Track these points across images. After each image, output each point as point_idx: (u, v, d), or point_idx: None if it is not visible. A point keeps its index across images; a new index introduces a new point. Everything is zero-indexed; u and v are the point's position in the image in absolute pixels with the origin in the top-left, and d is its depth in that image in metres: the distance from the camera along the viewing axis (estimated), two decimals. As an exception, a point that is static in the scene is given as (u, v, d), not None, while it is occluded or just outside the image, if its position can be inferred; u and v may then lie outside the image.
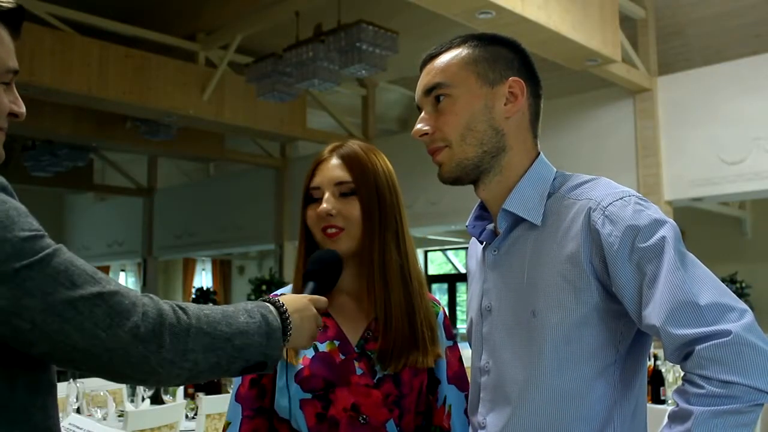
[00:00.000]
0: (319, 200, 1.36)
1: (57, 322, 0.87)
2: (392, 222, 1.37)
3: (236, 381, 1.36)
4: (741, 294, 9.00)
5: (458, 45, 1.25)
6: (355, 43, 5.83)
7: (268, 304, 1.10)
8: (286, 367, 1.32)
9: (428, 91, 1.24)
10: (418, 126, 1.24)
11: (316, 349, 1.33)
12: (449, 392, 1.39)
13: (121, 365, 0.91)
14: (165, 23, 7.77)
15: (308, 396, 1.29)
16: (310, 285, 1.26)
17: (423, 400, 1.37)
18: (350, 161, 1.36)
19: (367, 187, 1.35)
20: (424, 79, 1.25)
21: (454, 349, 1.44)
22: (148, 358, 0.92)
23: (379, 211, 1.35)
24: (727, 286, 1.10)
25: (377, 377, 1.31)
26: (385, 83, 9.60)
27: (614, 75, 6.94)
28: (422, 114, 1.25)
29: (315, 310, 1.19)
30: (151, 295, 0.97)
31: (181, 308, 0.97)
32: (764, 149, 6.84)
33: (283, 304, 1.11)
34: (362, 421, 1.29)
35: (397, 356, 1.32)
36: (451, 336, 1.45)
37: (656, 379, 4.07)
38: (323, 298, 1.22)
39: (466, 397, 1.40)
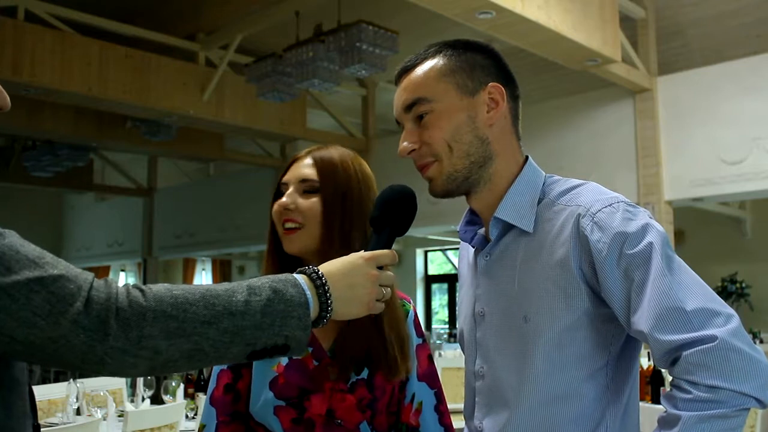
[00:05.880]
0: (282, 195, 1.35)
1: None
2: (360, 223, 1.33)
3: (211, 383, 1.35)
4: (741, 294, 9.00)
5: (433, 55, 1.23)
6: (355, 43, 5.83)
7: (295, 276, 0.97)
8: (261, 373, 1.31)
9: (408, 107, 1.22)
10: (404, 144, 1.21)
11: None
12: (419, 389, 1.39)
13: (68, 356, 0.83)
14: (165, 23, 7.77)
15: (282, 403, 1.28)
16: (374, 237, 1.13)
17: (395, 401, 1.37)
18: (321, 162, 1.35)
19: (333, 185, 1.33)
20: (402, 95, 1.23)
21: (423, 348, 1.43)
22: (94, 347, 0.83)
23: (343, 210, 1.32)
24: (727, 286, 1.11)
25: (350, 382, 1.30)
26: (385, 83, 9.59)
27: (614, 75, 6.94)
28: (405, 131, 1.23)
29: (374, 270, 1.03)
30: (110, 278, 0.89)
31: (140, 290, 0.87)
32: (764, 149, 6.84)
33: (318, 272, 0.99)
34: (337, 424, 1.29)
35: (355, 363, 1.30)
36: (421, 334, 1.44)
37: (656, 379, 4.07)
38: (387, 252, 1.07)
39: (436, 394, 1.40)
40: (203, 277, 15.77)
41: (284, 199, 1.33)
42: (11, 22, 6.47)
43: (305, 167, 1.35)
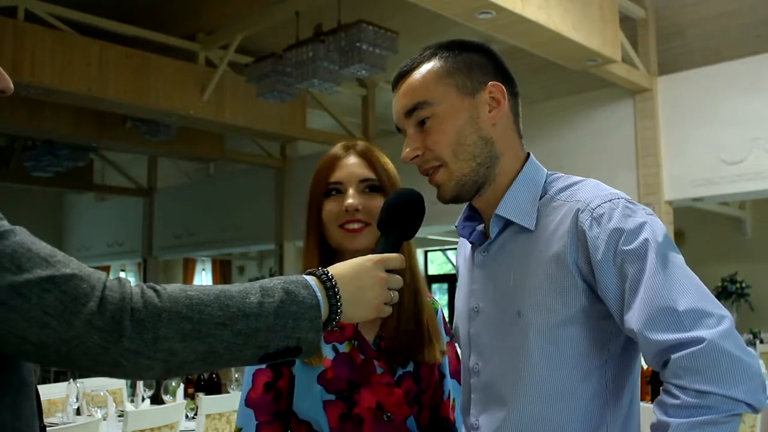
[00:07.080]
0: (339, 195, 1.36)
1: (1, 311, 0.77)
2: None
3: (245, 384, 1.34)
4: (741, 294, 9.00)
5: (429, 58, 1.22)
6: (355, 43, 5.83)
7: (306, 277, 0.96)
8: (306, 369, 1.32)
9: (409, 112, 1.21)
10: (407, 150, 1.21)
11: (336, 350, 1.33)
12: (452, 386, 1.42)
13: (81, 357, 0.81)
14: (165, 23, 7.76)
15: (332, 397, 1.29)
16: (381, 240, 1.14)
17: (437, 395, 1.39)
18: (371, 159, 1.38)
19: (391, 182, 1.38)
20: (402, 101, 1.22)
21: (451, 345, 1.46)
22: (108, 349, 0.80)
23: None
24: (727, 286, 1.10)
25: (397, 375, 1.33)
26: (385, 83, 9.59)
27: (614, 75, 6.93)
28: (407, 137, 1.22)
29: (382, 273, 1.03)
30: (123, 277, 0.87)
31: (155, 290, 0.85)
32: (764, 149, 6.84)
33: (328, 274, 0.98)
34: (386, 419, 1.30)
35: (405, 353, 1.34)
36: (449, 332, 1.47)
37: (656, 380, 4.06)
38: (395, 256, 1.07)
39: None
40: (203, 277, 15.76)
41: (350, 200, 1.34)
42: (11, 22, 6.47)
43: (359, 167, 1.37)
